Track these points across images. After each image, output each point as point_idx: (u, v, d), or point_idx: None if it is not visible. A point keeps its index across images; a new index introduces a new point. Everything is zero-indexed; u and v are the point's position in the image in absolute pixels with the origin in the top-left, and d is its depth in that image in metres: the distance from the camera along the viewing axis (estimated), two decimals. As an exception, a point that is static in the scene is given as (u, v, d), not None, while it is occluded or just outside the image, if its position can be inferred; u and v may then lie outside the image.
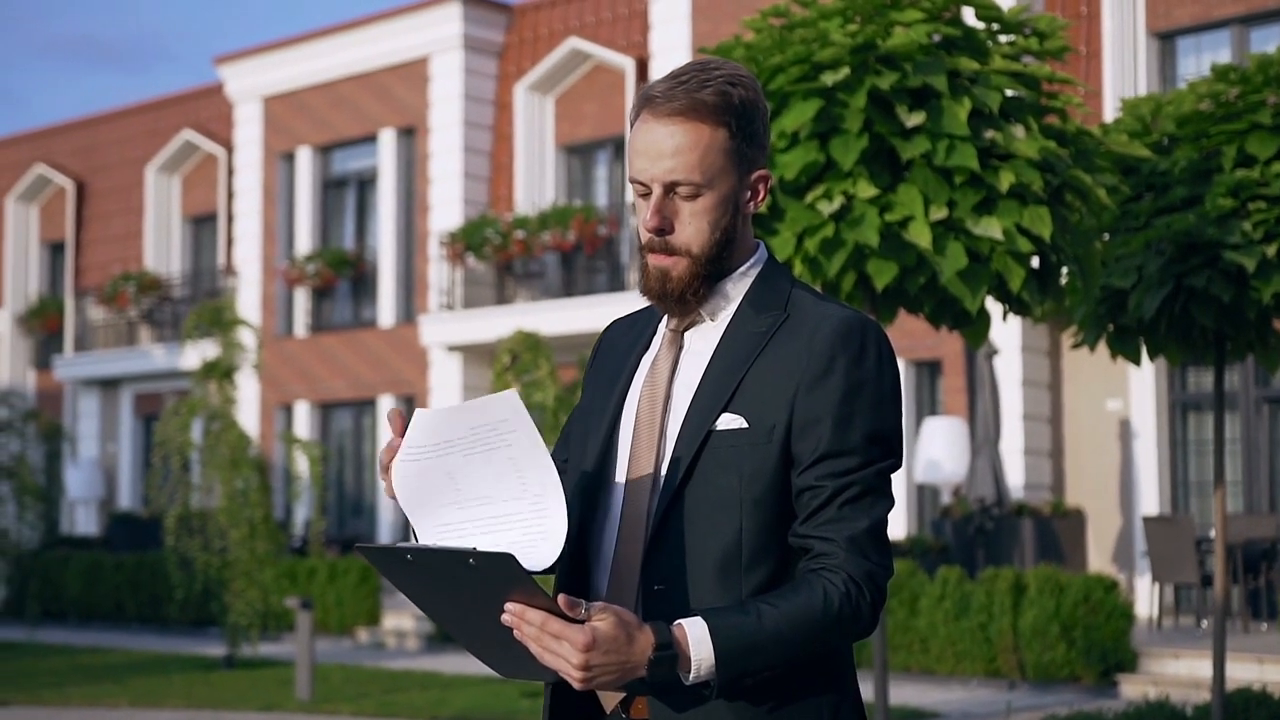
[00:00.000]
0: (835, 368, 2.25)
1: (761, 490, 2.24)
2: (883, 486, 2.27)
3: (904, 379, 17.29)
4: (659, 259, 2.31)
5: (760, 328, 2.31)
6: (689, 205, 2.29)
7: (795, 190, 6.31)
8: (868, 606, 2.22)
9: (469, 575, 2.03)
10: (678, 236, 2.30)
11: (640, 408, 2.36)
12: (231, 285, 23.72)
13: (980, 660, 13.15)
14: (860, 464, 2.23)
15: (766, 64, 6.32)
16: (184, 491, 15.36)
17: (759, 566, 2.24)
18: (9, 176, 28.12)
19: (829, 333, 2.26)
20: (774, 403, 2.25)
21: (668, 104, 2.26)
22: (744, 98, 2.30)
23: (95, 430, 25.77)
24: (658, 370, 2.37)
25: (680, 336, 2.38)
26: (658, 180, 2.28)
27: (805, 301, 2.33)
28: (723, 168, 2.28)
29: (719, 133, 2.27)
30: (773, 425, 2.24)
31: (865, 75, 6.20)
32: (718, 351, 2.32)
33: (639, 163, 2.29)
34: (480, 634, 2.14)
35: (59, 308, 26.85)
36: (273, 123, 23.46)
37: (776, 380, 2.26)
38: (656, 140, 2.27)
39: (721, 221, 2.30)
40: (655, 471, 2.30)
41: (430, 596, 2.15)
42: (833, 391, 2.24)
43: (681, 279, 2.31)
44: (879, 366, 2.28)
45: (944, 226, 6.25)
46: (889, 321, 6.87)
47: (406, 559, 2.07)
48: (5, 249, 27.82)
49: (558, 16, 21.35)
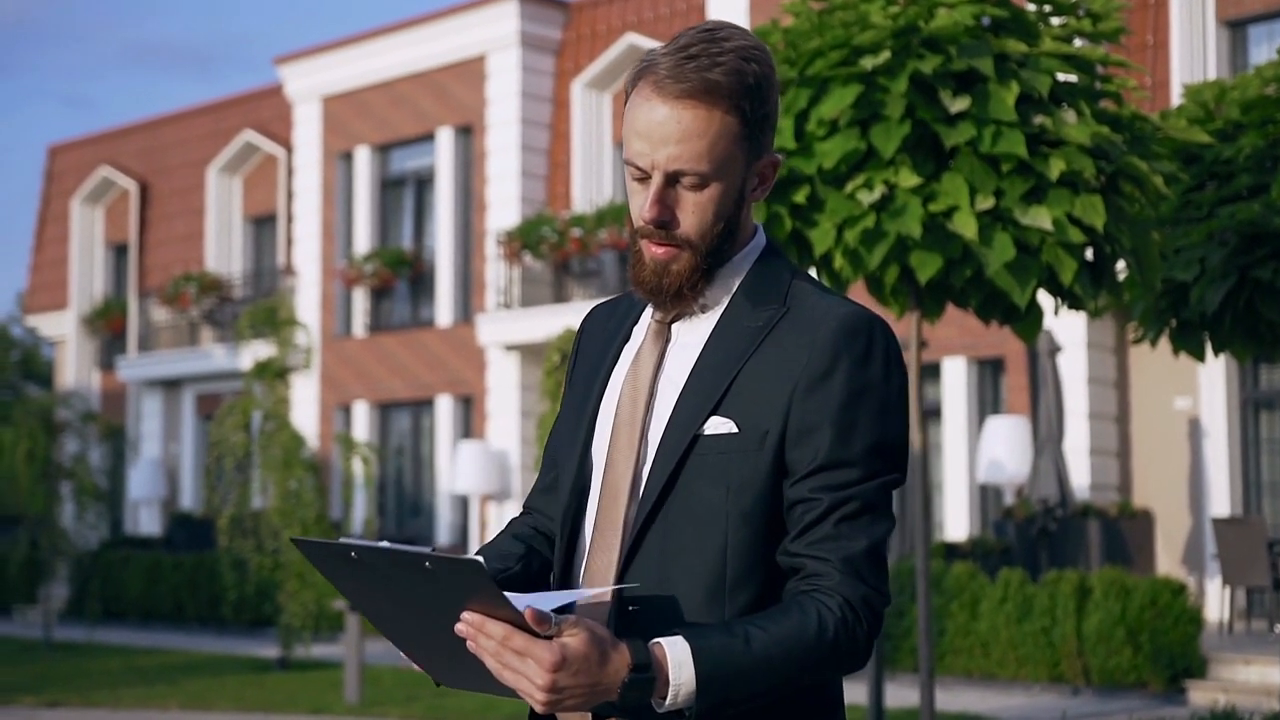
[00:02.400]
0: (837, 370, 2.02)
1: (751, 502, 2.02)
2: (884, 503, 2.04)
3: (966, 377, 16.96)
4: (657, 250, 2.08)
5: (756, 322, 2.08)
6: (693, 195, 2.05)
7: (835, 180, 6.08)
8: (864, 635, 2.00)
9: (423, 580, 1.85)
10: (679, 228, 2.06)
11: (620, 406, 2.13)
12: (291, 285, 23.73)
13: (1043, 665, 12.82)
14: (861, 477, 2.01)
15: (805, 49, 6.09)
16: (238, 492, 15.32)
17: (745, 587, 2.02)
18: (74, 179, 28.33)
19: (832, 331, 2.03)
20: (768, 406, 2.02)
21: (675, 83, 2.01)
22: (758, 75, 2.05)
23: (158, 430, 25.88)
24: (641, 365, 2.15)
25: (667, 328, 2.15)
26: (660, 168, 2.03)
27: (806, 294, 2.10)
28: (732, 156, 2.05)
29: (730, 119, 2.03)
30: (766, 431, 2.02)
31: (907, 59, 5.95)
32: (708, 347, 2.10)
33: (638, 144, 2.05)
34: (423, 640, 1.95)
35: (123, 309, 27.00)
36: (331, 122, 23.45)
37: (772, 381, 2.03)
38: (660, 122, 2.02)
39: (725, 212, 2.08)
40: (634, 478, 2.08)
41: (370, 597, 1.97)
42: (834, 396, 2.01)
43: (681, 273, 2.08)
44: (886, 370, 2.05)
45: (990, 216, 5.99)
46: (936, 316, 6.61)
47: (350, 556, 1.89)
48: (71, 251, 28.02)
49: (615, 13, 21.17)
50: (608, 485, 2.10)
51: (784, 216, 6.16)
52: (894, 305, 6.57)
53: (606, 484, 2.10)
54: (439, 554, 1.81)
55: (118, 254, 28.12)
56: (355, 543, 1.88)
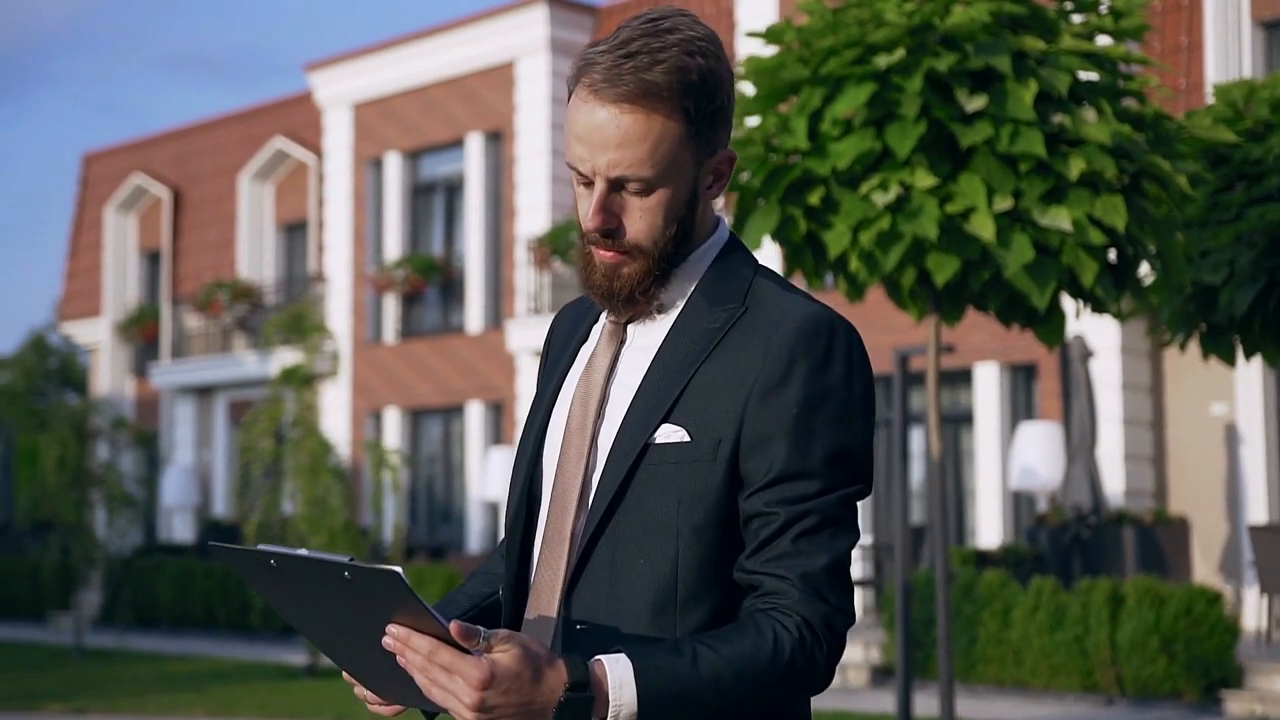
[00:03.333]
0: (794, 374, 1.90)
1: (703, 516, 1.90)
2: (846, 517, 1.92)
3: (998, 382, 16.77)
4: (605, 255, 1.99)
5: (713, 323, 1.97)
6: (639, 201, 1.95)
7: (849, 180, 5.97)
8: (824, 657, 1.88)
9: (345, 590, 1.76)
10: (628, 235, 1.97)
11: (572, 411, 2.03)
12: (322, 292, 23.74)
13: (1076, 674, 12.64)
14: (820, 489, 1.89)
15: (818, 47, 5.97)
16: (265, 499, 15.29)
17: (697, 606, 1.91)
18: (108, 186, 28.45)
19: (788, 333, 1.92)
20: (722, 413, 1.91)
21: (611, 87, 1.90)
22: (704, 70, 1.93)
23: (190, 437, 25.93)
24: (594, 368, 2.05)
25: (623, 329, 2.05)
26: (601, 174, 1.94)
27: (767, 293, 1.99)
28: (678, 158, 1.94)
29: (674, 120, 1.92)
30: (719, 440, 1.91)
31: (922, 57, 5.83)
32: (662, 350, 1.99)
33: (578, 149, 1.95)
34: (356, 654, 1.85)
35: (156, 316, 27.08)
36: (362, 129, 23.45)
37: (726, 387, 1.92)
38: (599, 126, 1.91)
39: (676, 214, 1.97)
40: (583, 488, 1.98)
41: (299, 608, 1.88)
42: (790, 403, 1.90)
43: (632, 277, 1.98)
44: (847, 374, 1.93)
45: (1009, 218, 5.87)
46: (955, 320, 6.48)
47: (270, 564, 1.80)
48: (105, 258, 28.14)
49: (645, 17, 21.06)
50: (557, 495, 2.00)
51: (798, 219, 6.05)
52: (912, 308, 6.44)
53: (556, 493, 2.00)
54: (357, 563, 1.72)
55: (151, 261, 28.21)
56: (274, 550, 1.79)
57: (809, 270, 6.27)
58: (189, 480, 24.76)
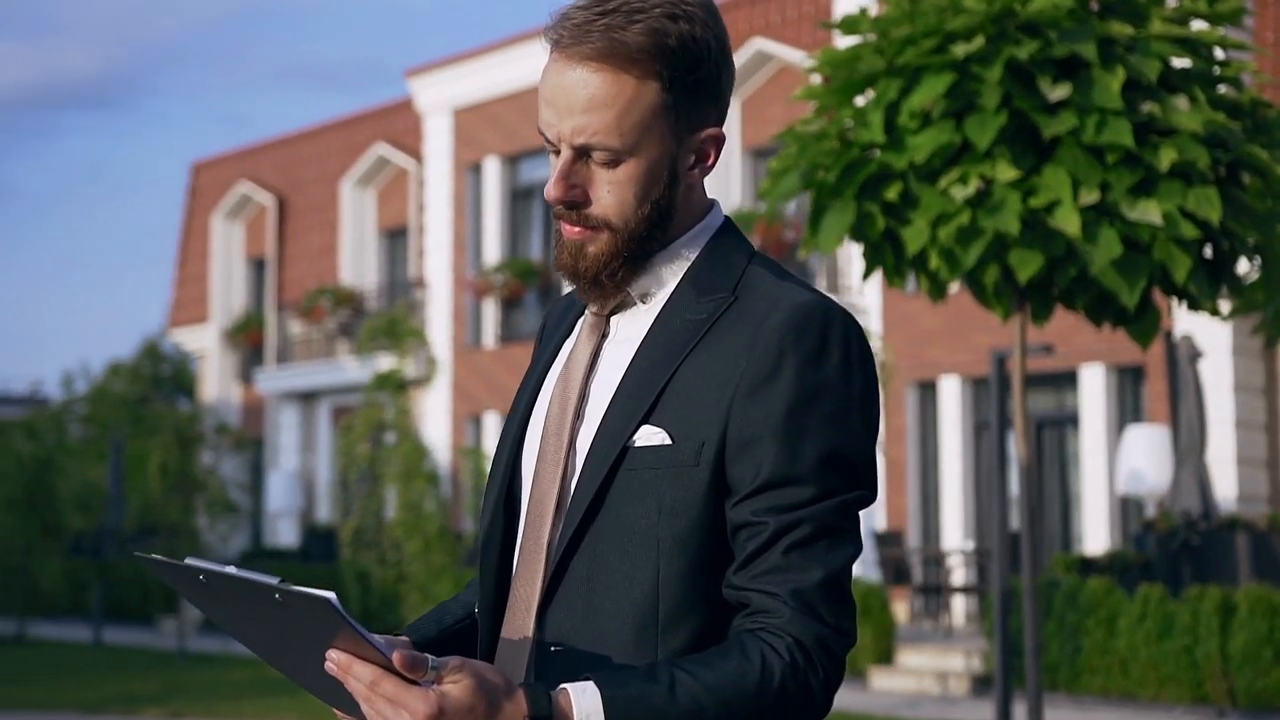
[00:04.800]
0: (784, 368, 1.72)
1: (686, 527, 1.73)
2: (844, 526, 1.73)
3: (1104, 384, 16.35)
4: (573, 230, 1.82)
5: (699, 314, 1.79)
6: (606, 173, 1.78)
7: (928, 174, 5.75)
8: (819, 682, 1.69)
9: (278, 611, 1.63)
10: (594, 208, 1.80)
11: (550, 412, 1.86)
12: (422, 297, 23.83)
13: (1186, 686, 12.25)
14: (814, 496, 1.70)
15: (895, 36, 5.76)
16: (360, 504, 15.32)
17: (681, 625, 1.73)
18: (215, 194, 28.83)
19: (778, 323, 1.73)
20: (705, 413, 1.74)
21: (577, 44, 1.74)
22: (685, 36, 1.76)
23: (295, 443, 26.16)
24: (573, 364, 1.88)
25: (605, 321, 1.88)
26: (566, 140, 1.78)
27: (760, 282, 1.81)
28: (651, 129, 1.77)
29: (647, 86, 1.75)
30: (702, 443, 1.73)
31: (1003, 45, 5.60)
32: (645, 344, 1.81)
33: (545, 113, 1.80)
34: (306, 672, 1.72)
35: (261, 322, 27.38)
36: (461, 134, 23.51)
37: (710, 384, 1.74)
38: (565, 88, 1.76)
39: (651, 193, 1.80)
40: (560, 496, 1.81)
41: (238, 625, 1.75)
42: (779, 400, 1.71)
43: (599, 257, 1.81)
44: (844, 368, 1.74)
45: (1095, 211, 5.61)
46: (1043, 320, 6.22)
47: (199, 580, 1.67)
48: (212, 266, 28.50)
49: (741, 17, 20.88)
50: (533, 503, 1.83)
51: (875, 215, 5.84)
52: (997, 307, 6.20)
53: (532, 501, 1.84)
54: (288, 586, 1.58)
55: (257, 268, 28.54)
56: (202, 565, 1.66)
57: (889, 268, 6.06)
58: (293, 485, 24.97)
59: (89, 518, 23.23)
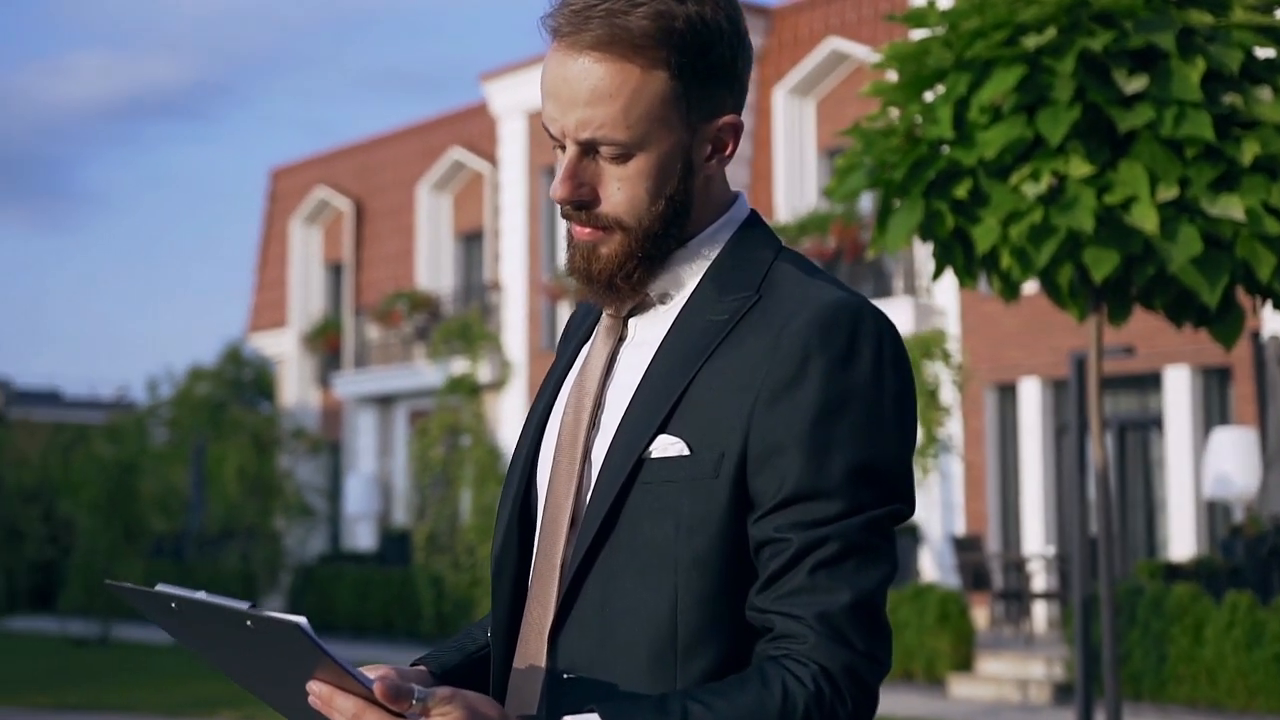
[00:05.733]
0: (809, 372, 1.59)
1: (705, 545, 1.60)
2: (875, 543, 1.59)
3: (1190, 386, 15.98)
4: (581, 232, 1.70)
5: (720, 314, 1.67)
6: (616, 169, 1.67)
7: (999, 171, 5.58)
8: (847, 714, 1.56)
9: (251, 638, 1.54)
10: (604, 207, 1.68)
11: (564, 422, 1.74)
12: (497, 301, 23.83)
13: (1276, 696, 11.93)
14: (842, 511, 1.58)
15: (964, 29, 5.59)
16: (435, 507, 15.32)
17: (701, 651, 1.61)
18: (294, 200, 29.03)
19: (803, 323, 1.61)
20: (725, 421, 1.61)
21: (578, 32, 1.63)
22: (694, 18, 1.64)
23: (372, 446, 26.25)
24: (588, 370, 1.76)
25: (621, 324, 1.76)
26: (570, 135, 1.66)
27: (786, 279, 1.68)
28: (661, 120, 1.65)
29: (654, 74, 1.63)
30: (722, 454, 1.60)
31: (1076, 36, 5.41)
32: (663, 347, 1.69)
33: (548, 107, 1.68)
34: (287, 701, 1.63)
35: (339, 327, 27.53)
36: (536, 137, 23.49)
37: (730, 389, 1.62)
38: (567, 80, 1.64)
39: (665, 188, 1.68)
40: (574, 512, 1.69)
41: (214, 652, 1.66)
42: (804, 407, 1.59)
43: (612, 259, 1.69)
44: (876, 371, 1.61)
45: (1174, 208, 5.42)
46: (1121, 320, 6.02)
47: (171, 607, 1.59)
48: (290, 271, 28.70)
49: (818, 17, 20.69)
50: (546, 520, 1.72)
51: (944, 213, 5.67)
52: (1072, 308, 6.01)
53: (545, 519, 1.72)
54: (258, 612, 1.48)
55: (334, 273, 28.71)
56: (173, 592, 1.57)
57: (959, 268, 5.89)
58: (370, 489, 25.06)
59: (170, 521, 23.46)
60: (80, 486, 21.16)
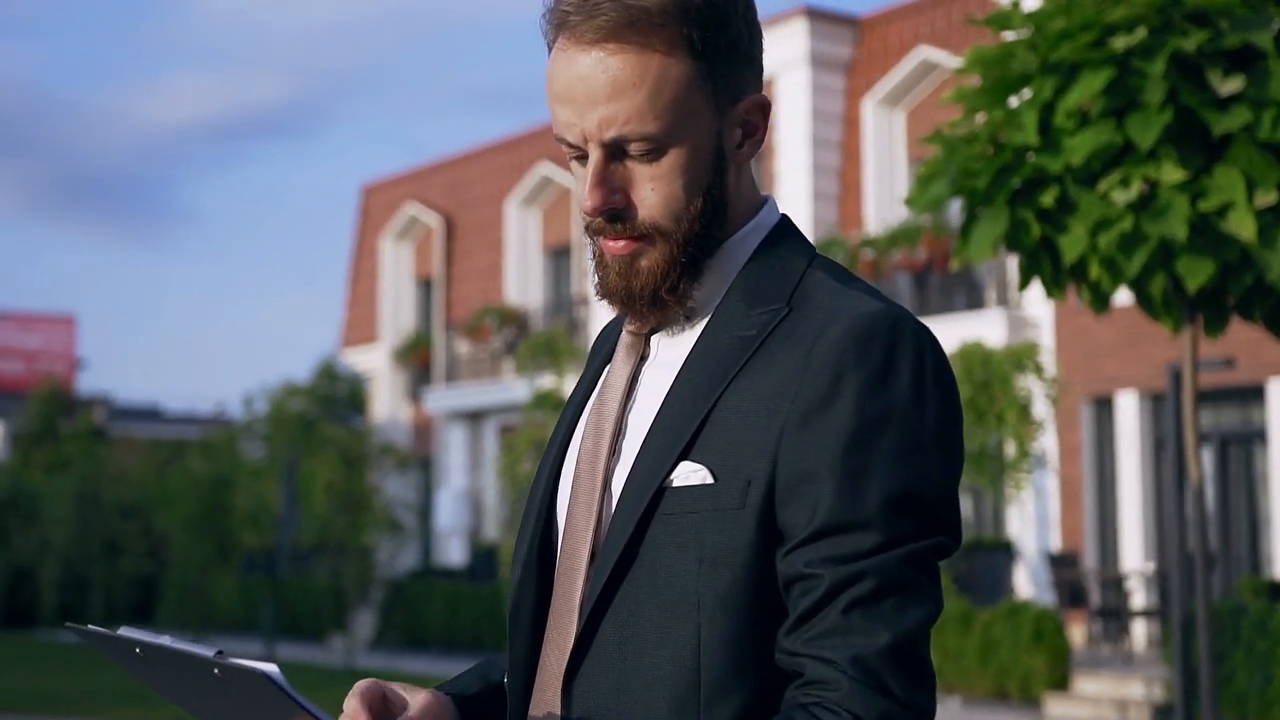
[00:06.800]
0: (842, 391, 1.44)
1: (730, 580, 1.46)
2: (916, 579, 1.44)
3: (1294, 399, 15.52)
4: (615, 245, 1.55)
5: (748, 330, 1.52)
6: (648, 168, 1.52)
7: (1087, 177, 5.37)
8: None
9: (220, 685, 1.44)
10: (641, 213, 1.53)
11: (583, 449, 1.61)
12: (585, 316, 23.78)
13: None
14: (879, 544, 1.42)
15: (1050, 31, 5.40)
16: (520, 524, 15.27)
17: (726, 698, 1.46)
18: (384, 216, 29.22)
19: (836, 337, 1.46)
20: (752, 446, 1.47)
21: (589, 21, 1.48)
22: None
23: (463, 462, 26.30)
24: (608, 393, 1.62)
25: (643, 341, 1.62)
26: (594, 138, 1.51)
27: (820, 289, 1.53)
28: (690, 106, 1.51)
29: (676, 55, 1.49)
30: (748, 481, 1.46)
31: (1168, 36, 5.20)
32: (686, 366, 1.55)
33: (562, 114, 1.53)
34: None
35: (429, 342, 27.64)
36: (624, 151, 23.45)
37: (757, 411, 1.47)
38: (582, 76, 1.50)
39: (702, 181, 1.53)
40: (593, 546, 1.56)
41: (182, 694, 1.56)
42: (837, 429, 1.44)
43: (654, 271, 1.54)
44: (916, 389, 1.46)
45: (1272, 214, 5.19)
46: (1218, 331, 5.78)
47: (135, 652, 1.50)
48: (381, 286, 28.87)
49: (907, 26, 20.45)
50: (564, 555, 1.58)
51: (1030, 222, 5.48)
52: (1166, 319, 5.78)
53: (564, 553, 1.59)
54: (226, 660, 1.38)
55: (424, 288, 28.85)
56: (137, 637, 1.46)
57: (1046, 279, 5.69)
58: (461, 504, 25.10)
59: (263, 535, 23.63)
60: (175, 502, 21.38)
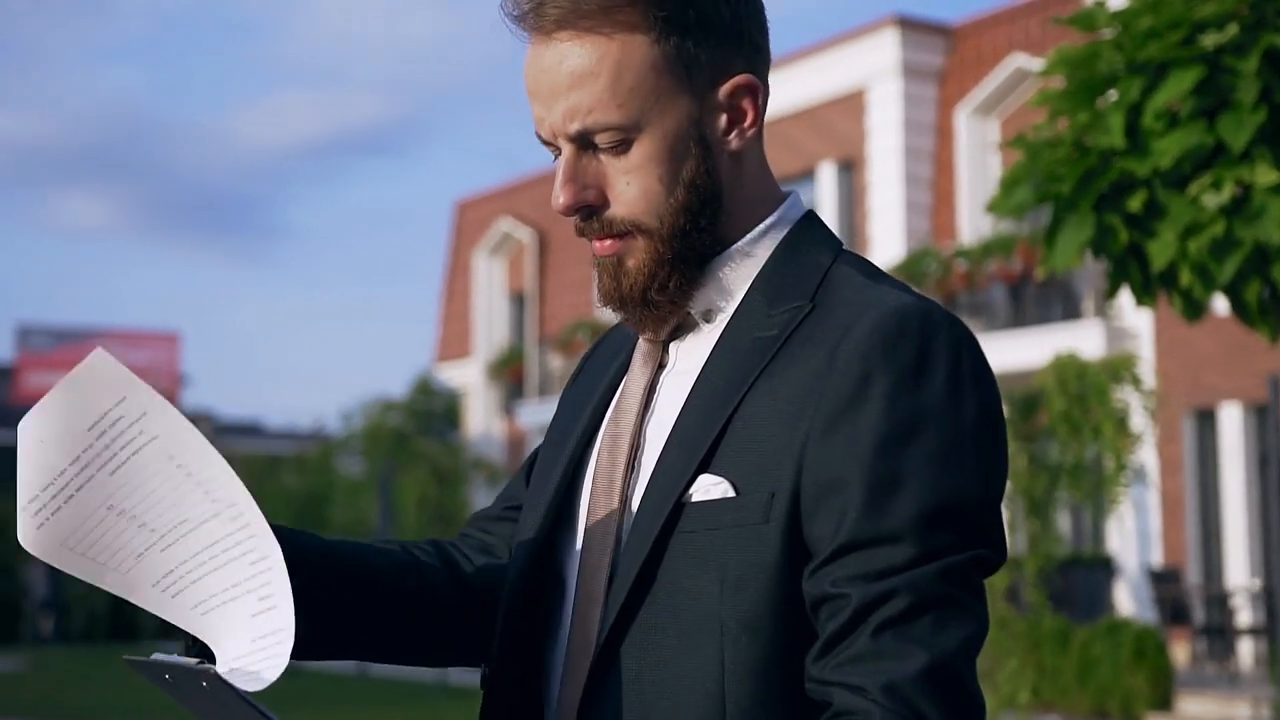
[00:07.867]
0: (870, 393, 1.33)
1: (755, 602, 1.34)
2: (955, 596, 1.31)
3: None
4: (603, 244, 1.47)
5: (770, 330, 1.41)
6: (619, 162, 1.43)
7: (1177, 181, 5.18)
8: None
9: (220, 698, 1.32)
10: (616, 209, 1.44)
11: (599, 464, 1.50)
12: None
13: None
14: (912, 558, 1.30)
15: (1137, 29, 5.22)
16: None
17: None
18: (478, 231, 29.36)
19: (864, 334, 1.34)
20: (774, 455, 1.35)
21: (539, 15, 1.41)
22: None
23: (556, 476, 26.31)
24: (624, 404, 1.51)
25: (661, 349, 1.51)
26: (561, 132, 1.43)
27: (846, 284, 1.42)
28: (656, 90, 1.41)
29: (635, 38, 1.40)
30: (772, 493, 1.34)
31: (1261, 33, 5.01)
32: (704, 373, 1.44)
33: (534, 109, 1.46)
34: None
35: (522, 357, 27.72)
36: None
37: (780, 417, 1.36)
38: (545, 70, 1.42)
39: (682, 173, 1.43)
40: (610, 567, 1.44)
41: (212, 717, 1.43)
42: (865, 434, 1.32)
43: (640, 270, 1.45)
44: (953, 390, 1.34)
45: (1373, 216, 4.95)
46: (1318, 340, 5.55)
47: (165, 678, 1.38)
48: (475, 302, 29.00)
49: (1000, 34, 20.16)
50: (584, 578, 1.47)
51: (1118, 227, 5.30)
52: (1262, 327, 5.56)
53: (583, 576, 1.47)
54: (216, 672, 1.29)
55: (517, 303, 28.94)
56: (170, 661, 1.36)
57: (1135, 286, 5.50)
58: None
59: (358, 551, 23.79)
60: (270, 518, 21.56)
